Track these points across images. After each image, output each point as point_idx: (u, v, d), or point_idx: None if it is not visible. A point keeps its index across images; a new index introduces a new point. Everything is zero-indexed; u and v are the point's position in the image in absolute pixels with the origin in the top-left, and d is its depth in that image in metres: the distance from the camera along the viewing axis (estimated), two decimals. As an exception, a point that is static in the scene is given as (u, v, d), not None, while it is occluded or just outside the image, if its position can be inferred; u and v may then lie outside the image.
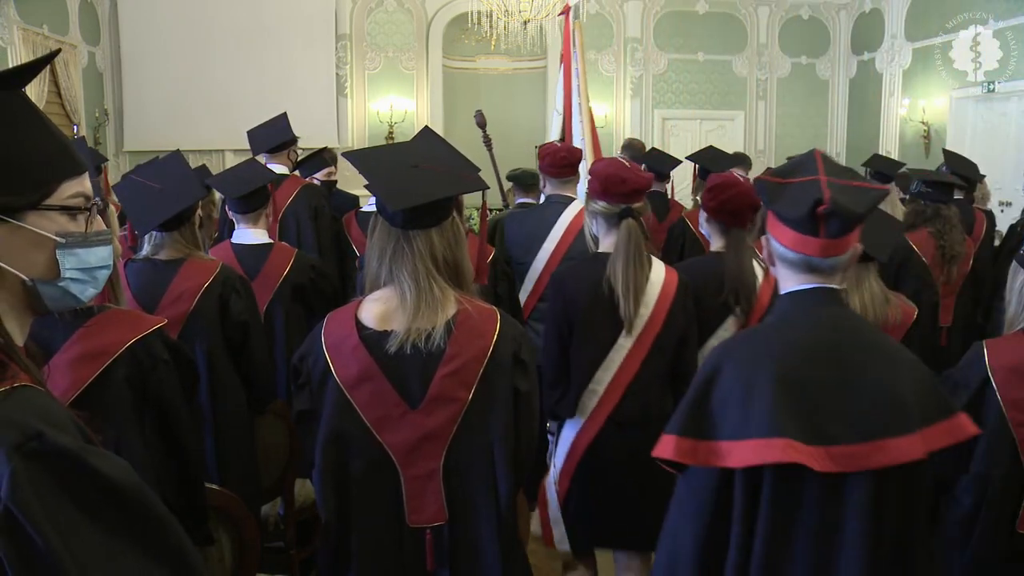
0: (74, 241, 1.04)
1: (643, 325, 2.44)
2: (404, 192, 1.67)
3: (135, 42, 9.21)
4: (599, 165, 2.60)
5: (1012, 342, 2.14)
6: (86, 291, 1.09)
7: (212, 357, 2.60)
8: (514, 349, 1.76)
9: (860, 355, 1.54)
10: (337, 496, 1.75)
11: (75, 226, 1.05)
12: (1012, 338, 2.15)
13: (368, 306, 1.75)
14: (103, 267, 1.10)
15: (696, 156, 4.59)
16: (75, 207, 1.04)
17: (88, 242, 1.06)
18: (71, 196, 1.04)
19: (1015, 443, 2.06)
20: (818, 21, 10.74)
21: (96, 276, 1.09)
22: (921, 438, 1.49)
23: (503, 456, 1.74)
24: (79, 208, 1.05)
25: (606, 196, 2.48)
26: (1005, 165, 8.12)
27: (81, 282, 1.07)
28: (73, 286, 1.06)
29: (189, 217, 2.62)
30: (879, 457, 1.47)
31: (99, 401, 1.81)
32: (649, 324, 2.45)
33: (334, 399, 1.72)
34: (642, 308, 2.44)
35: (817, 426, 1.48)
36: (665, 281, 2.49)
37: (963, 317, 4.06)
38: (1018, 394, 2.06)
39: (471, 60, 10.50)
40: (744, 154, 5.93)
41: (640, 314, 2.43)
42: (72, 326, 1.81)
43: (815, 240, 1.54)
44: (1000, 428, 2.08)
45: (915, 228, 3.93)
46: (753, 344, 1.61)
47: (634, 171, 2.52)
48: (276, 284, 3.20)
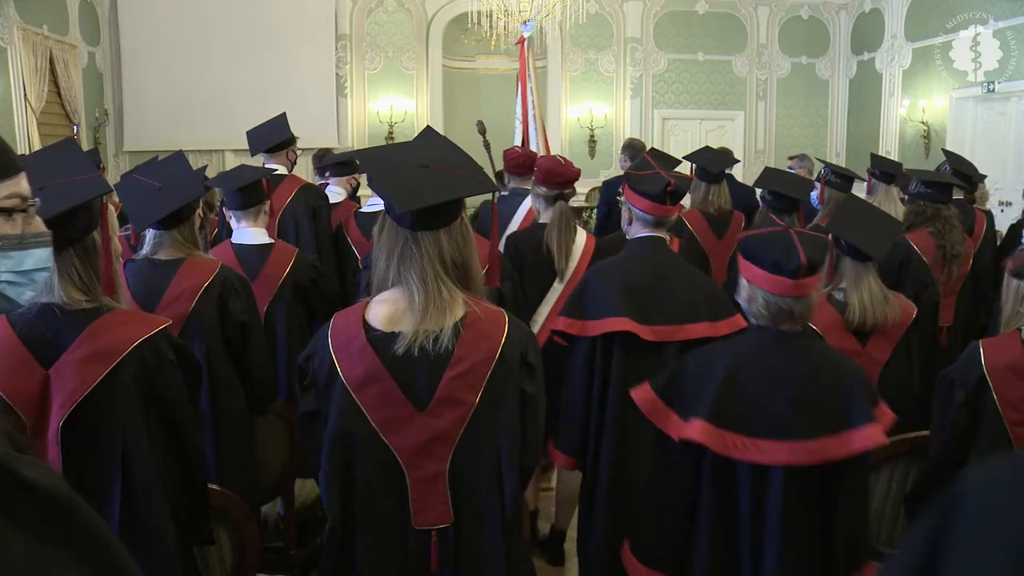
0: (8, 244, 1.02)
1: (570, 274, 3.31)
2: (414, 193, 1.66)
3: (135, 42, 9.22)
4: (541, 161, 3.49)
5: (1008, 342, 2.14)
6: (23, 294, 1.06)
7: (212, 357, 2.60)
8: (521, 351, 1.76)
9: (672, 276, 2.53)
10: (342, 497, 1.75)
11: (11, 227, 1.02)
12: (1008, 338, 2.16)
13: (376, 307, 1.74)
14: (40, 269, 1.07)
15: (693, 156, 4.58)
16: (10, 208, 1.02)
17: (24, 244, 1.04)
18: (6, 197, 1.02)
19: (1011, 442, 2.07)
20: (818, 21, 10.74)
21: (34, 278, 1.06)
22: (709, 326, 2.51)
23: (509, 458, 1.74)
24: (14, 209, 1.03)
25: (546, 184, 3.35)
26: (1005, 165, 8.12)
27: (17, 285, 1.04)
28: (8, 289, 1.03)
29: (188, 216, 2.62)
30: (680, 335, 2.50)
31: (106, 401, 1.81)
32: (575, 273, 3.28)
33: (340, 400, 1.71)
34: (570, 262, 3.32)
35: (644, 313, 2.52)
36: (586, 244, 3.40)
37: (963, 317, 4.06)
38: (1014, 393, 2.07)
39: (471, 60, 10.50)
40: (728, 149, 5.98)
41: (568, 266, 3.32)
42: (79, 326, 1.81)
43: (662, 207, 2.56)
44: (996, 427, 2.09)
45: (915, 228, 3.93)
46: (610, 266, 2.68)
47: (566, 167, 3.38)
48: (277, 284, 3.20)
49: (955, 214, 3.98)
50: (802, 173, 5.70)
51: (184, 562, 1.98)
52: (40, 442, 1.81)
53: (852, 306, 2.74)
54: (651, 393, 1.99)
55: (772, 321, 1.90)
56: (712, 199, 4.39)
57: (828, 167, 4.41)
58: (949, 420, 2.19)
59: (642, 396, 2.00)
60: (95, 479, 1.83)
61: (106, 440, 1.83)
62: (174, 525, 1.93)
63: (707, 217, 4.37)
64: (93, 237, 1.85)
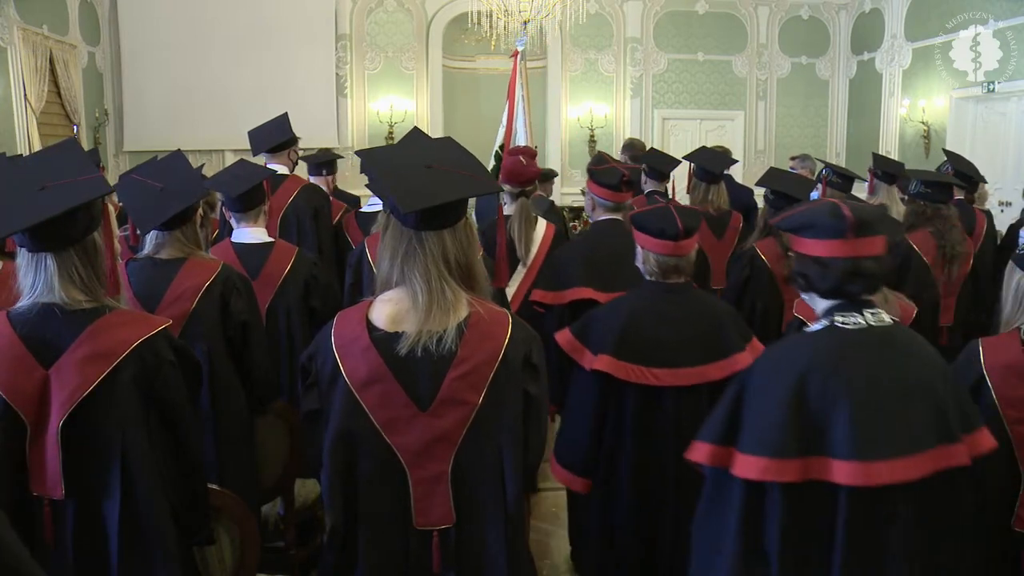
0: None
1: (531, 260, 3.72)
2: (418, 193, 1.65)
3: (135, 42, 9.21)
4: (506, 162, 3.91)
5: (1007, 341, 2.14)
6: None
7: (213, 356, 2.60)
8: (525, 352, 1.75)
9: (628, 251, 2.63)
10: (345, 497, 1.75)
11: None
12: (1007, 337, 2.16)
13: (379, 307, 1.74)
14: None
15: (692, 156, 4.58)
16: None
17: None
18: None
19: (1010, 441, 2.07)
20: (818, 21, 10.74)
21: None
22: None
23: (511, 459, 1.74)
24: None
25: (509, 183, 3.74)
26: (1005, 165, 8.12)
27: None
28: None
29: (190, 216, 2.62)
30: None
31: (106, 401, 1.81)
32: (535, 259, 3.72)
33: (343, 400, 1.71)
34: (531, 249, 3.73)
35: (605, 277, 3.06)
36: (545, 232, 3.81)
37: (963, 317, 4.06)
38: (1013, 392, 2.07)
39: (471, 60, 10.50)
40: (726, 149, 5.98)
41: (529, 253, 3.73)
42: (79, 326, 1.81)
43: (618, 194, 3.22)
44: (995, 426, 2.08)
45: (915, 228, 3.93)
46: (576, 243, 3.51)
47: (528, 167, 3.82)
48: (277, 283, 3.20)
49: (955, 214, 3.97)
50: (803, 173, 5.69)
51: (184, 562, 1.98)
52: (39, 442, 1.81)
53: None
54: (569, 335, 2.57)
55: (662, 275, 2.48)
56: (712, 199, 4.39)
57: (829, 167, 4.41)
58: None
59: (563, 338, 2.58)
60: (95, 479, 1.83)
61: (106, 440, 1.82)
62: (174, 525, 1.93)
63: (706, 217, 4.37)
64: (94, 237, 1.85)
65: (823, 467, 1.62)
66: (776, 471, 1.62)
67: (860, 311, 1.72)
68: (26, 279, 1.83)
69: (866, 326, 1.71)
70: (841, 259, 1.70)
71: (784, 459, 1.62)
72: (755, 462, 1.64)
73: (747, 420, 1.69)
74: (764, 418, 1.66)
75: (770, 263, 3.70)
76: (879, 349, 1.70)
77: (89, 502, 1.84)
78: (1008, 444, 2.07)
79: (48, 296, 1.80)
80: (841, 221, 1.68)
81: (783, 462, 1.62)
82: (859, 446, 1.60)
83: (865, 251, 1.70)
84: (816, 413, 1.63)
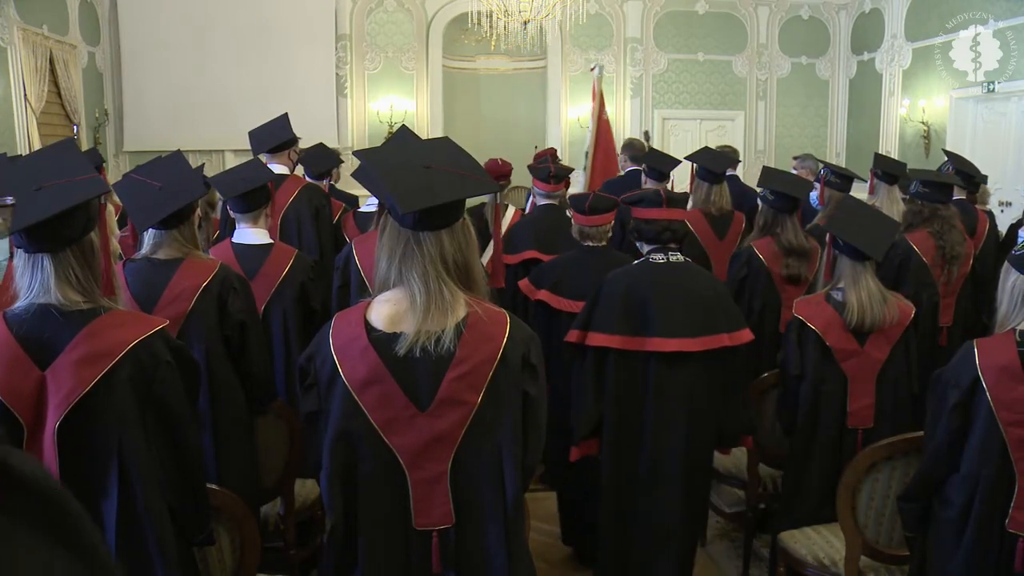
0: None
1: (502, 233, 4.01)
2: (416, 193, 1.65)
3: (135, 42, 9.21)
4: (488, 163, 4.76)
5: (1002, 342, 2.12)
6: None
7: (211, 357, 2.59)
8: (524, 353, 1.75)
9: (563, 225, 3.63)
10: (344, 498, 1.75)
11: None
12: (1003, 338, 2.14)
13: (377, 307, 1.73)
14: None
15: (694, 156, 4.57)
16: None
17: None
18: None
19: (1005, 442, 2.06)
20: (818, 21, 10.74)
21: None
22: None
23: (511, 460, 1.74)
24: None
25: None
26: (1005, 165, 8.12)
27: None
28: None
29: (188, 216, 2.61)
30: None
31: (103, 402, 1.81)
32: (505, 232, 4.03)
33: (342, 400, 1.71)
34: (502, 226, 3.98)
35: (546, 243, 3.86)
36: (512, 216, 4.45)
37: (963, 317, 4.06)
38: (1008, 394, 2.05)
39: (471, 60, 10.50)
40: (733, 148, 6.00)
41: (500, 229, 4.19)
42: (76, 327, 1.81)
43: (549, 185, 4.03)
44: (990, 428, 2.07)
45: (914, 228, 3.93)
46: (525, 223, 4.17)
47: (502, 166, 4.89)
48: (275, 284, 3.19)
49: (955, 214, 3.97)
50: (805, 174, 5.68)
51: (184, 562, 1.97)
52: (37, 443, 1.80)
53: (850, 306, 2.76)
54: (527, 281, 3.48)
55: (580, 239, 3.33)
56: (714, 200, 4.38)
57: (828, 167, 4.40)
58: (943, 420, 2.18)
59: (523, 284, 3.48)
60: (92, 480, 1.82)
61: (103, 441, 1.82)
62: (173, 525, 1.93)
63: (708, 218, 4.37)
64: (91, 238, 1.85)
65: (641, 342, 2.72)
66: (614, 342, 2.74)
67: (666, 253, 2.78)
68: (23, 280, 1.82)
69: (668, 261, 2.78)
70: (658, 220, 2.76)
71: (616, 335, 2.73)
72: (601, 337, 2.76)
73: (595, 314, 2.78)
74: (606, 312, 2.76)
75: (767, 262, 3.70)
76: (673, 273, 2.78)
77: (86, 503, 1.83)
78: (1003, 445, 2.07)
79: (44, 297, 1.79)
80: (659, 197, 2.82)
81: (616, 337, 2.74)
82: (660, 328, 2.70)
83: (674, 216, 2.79)
84: (635, 308, 2.72)
